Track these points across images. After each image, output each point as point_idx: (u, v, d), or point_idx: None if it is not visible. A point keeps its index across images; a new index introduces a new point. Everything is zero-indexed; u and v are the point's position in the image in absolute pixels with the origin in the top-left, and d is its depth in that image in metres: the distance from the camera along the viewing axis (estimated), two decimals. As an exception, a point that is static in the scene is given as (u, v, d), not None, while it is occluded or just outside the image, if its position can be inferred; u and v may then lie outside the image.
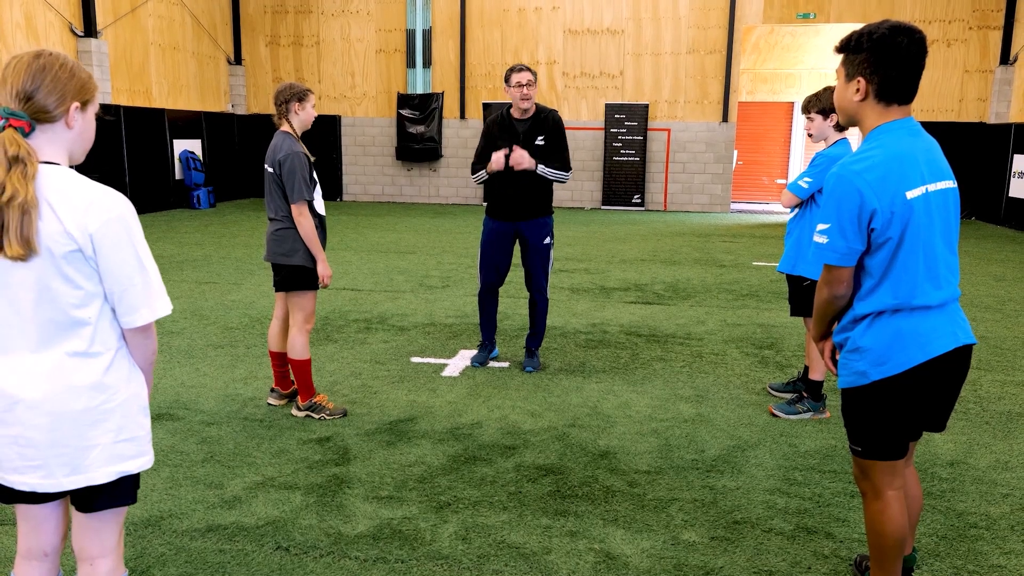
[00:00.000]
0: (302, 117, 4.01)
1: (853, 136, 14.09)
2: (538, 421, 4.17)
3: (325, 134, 17.08)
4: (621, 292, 7.69)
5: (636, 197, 16.28)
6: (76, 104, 1.79)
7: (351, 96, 17.04)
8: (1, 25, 11.39)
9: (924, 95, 15.20)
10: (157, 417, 4.12)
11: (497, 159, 4.73)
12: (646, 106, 15.88)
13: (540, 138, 4.80)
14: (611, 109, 16.00)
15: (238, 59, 17.17)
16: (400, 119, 16.67)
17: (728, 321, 6.54)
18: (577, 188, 16.65)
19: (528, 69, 4.70)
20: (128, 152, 13.56)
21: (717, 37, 15.50)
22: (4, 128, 1.71)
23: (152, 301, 1.80)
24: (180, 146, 15.06)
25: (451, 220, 13.71)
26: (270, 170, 3.94)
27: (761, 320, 6.61)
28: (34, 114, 1.73)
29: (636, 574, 2.71)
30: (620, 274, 8.68)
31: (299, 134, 4.02)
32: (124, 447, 1.83)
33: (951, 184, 2.25)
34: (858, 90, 2.19)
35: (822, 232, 2.17)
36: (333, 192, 17.37)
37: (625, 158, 16.18)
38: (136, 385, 1.87)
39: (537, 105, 4.83)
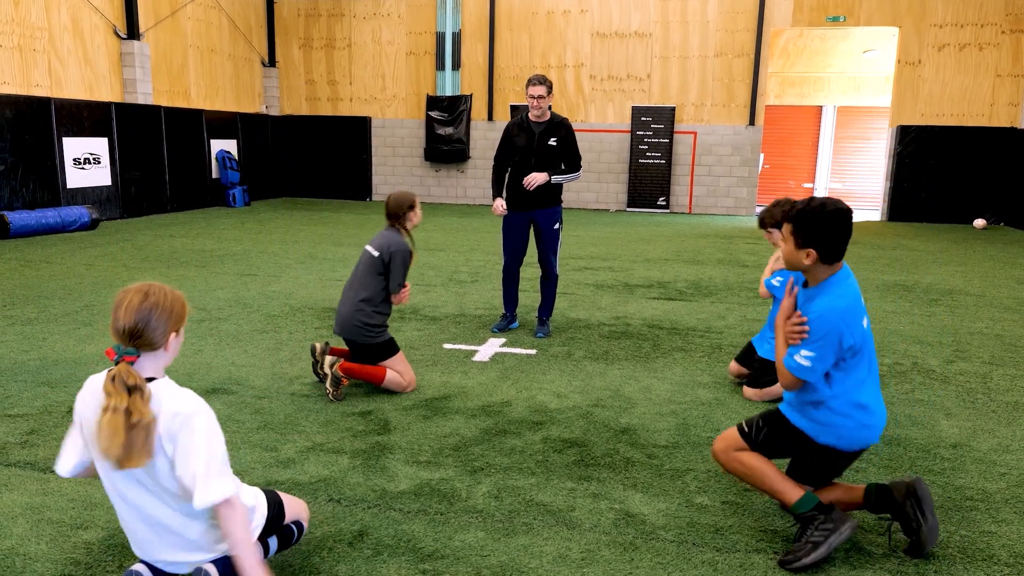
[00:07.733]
0: (414, 222, 4.62)
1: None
2: (564, 401, 4.45)
3: (355, 135, 17.53)
4: (644, 289, 7.94)
5: (661, 199, 16.48)
6: (174, 333, 2.13)
7: (381, 98, 17.46)
8: (51, 27, 11.95)
9: (954, 100, 15.15)
10: (213, 391, 4.47)
11: (529, 180, 5.58)
12: (672, 109, 16.08)
13: (553, 139, 5.64)
14: (637, 112, 16.23)
15: (272, 61, 17.68)
16: (429, 121, 17.06)
17: (748, 316, 6.76)
18: (602, 190, 16.89)
19: (543, 83, 5.44)
20: (168, 151, 14.09)
21: (745, 40, 15.65)
22: (118, 362, 2.05)
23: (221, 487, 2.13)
24: (217, 146, 15.58)
25: (479, 220, 14.03)
26: (375, 254, 4.43)
27: (780, 316, 6.81)
28: (141, 346, 2.07)
29: (652, 529, 2.99)
30: (644, 272, 8.93)
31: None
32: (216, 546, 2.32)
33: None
34: (808, 256, 2.70)
35: (807, 358, 2.69)
36: (363, 192, 17.82)
37: (651, 161, 16.39)
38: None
39: (551, 112, 5.66)
